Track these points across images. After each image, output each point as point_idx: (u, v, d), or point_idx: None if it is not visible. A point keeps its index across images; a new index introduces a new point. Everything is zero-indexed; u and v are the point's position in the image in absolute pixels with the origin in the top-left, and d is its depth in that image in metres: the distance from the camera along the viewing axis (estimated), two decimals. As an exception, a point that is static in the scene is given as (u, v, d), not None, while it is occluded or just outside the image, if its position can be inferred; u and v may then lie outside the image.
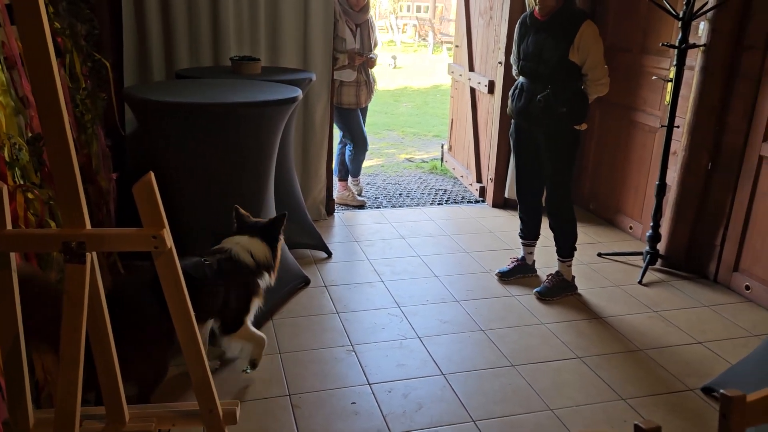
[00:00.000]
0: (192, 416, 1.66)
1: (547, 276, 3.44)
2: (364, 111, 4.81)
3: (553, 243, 3.40)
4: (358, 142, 4.74)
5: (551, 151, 3.22)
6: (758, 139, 3.26)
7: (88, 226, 1.39)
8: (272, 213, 3.05)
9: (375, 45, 4.73)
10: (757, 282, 3.33)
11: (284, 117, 2.84)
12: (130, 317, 1.98)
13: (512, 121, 3.37)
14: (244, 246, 2.41)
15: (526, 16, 3.22)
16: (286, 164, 3.52)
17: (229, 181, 2.75)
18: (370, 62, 4.62)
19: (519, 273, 3.56)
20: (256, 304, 2.50)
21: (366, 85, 4.63)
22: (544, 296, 3.33)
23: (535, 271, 3.60)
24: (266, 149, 2.82)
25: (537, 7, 3.10)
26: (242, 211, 2.51)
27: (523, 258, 3.59)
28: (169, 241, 1.40)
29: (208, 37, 3.65)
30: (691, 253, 3.73)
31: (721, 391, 1.13)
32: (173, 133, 2.66)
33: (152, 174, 1.34)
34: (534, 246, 3.57)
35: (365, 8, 4.52)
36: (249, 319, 2.48)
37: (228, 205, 2.67)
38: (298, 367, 2.68)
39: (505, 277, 3.54)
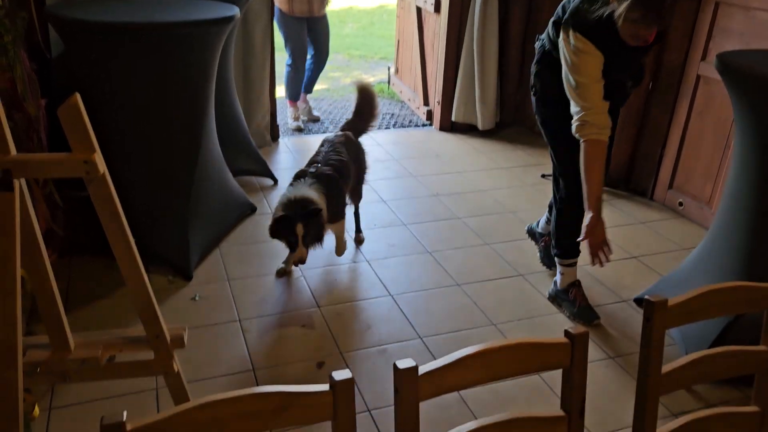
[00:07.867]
0: (139, 342, 1.66)
1: None
2: (320, 21, 4.68)
3: None
4: (296, 53, 4.66)
5: None
6: (697, 57, 3.32)
7: (13, 152, 1.33)
8: (214, 140, 2.97)
9: None
10: (689, 198, 3.48)
11: (221, 38, 2.71)
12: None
13: None
14: None
15: None
16: (227, 89, 3.40)
17: (164, 106, 2.64)
18: None
19: None
20: None
21: None
22: None
23: None
24: (203, 73, 2.70)
25: None
26: None
27: None
28: (102, 166, 1.35)
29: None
30: (631, 172, 3.85)
31: (645, 297, 1.20)
32: (101, 56, 2.51)
33: (78, 95, 1.27)
34: None
35: None
36: None
37: (164, 133, 2.58)
38: (247, 293, 2.69)
39: None
